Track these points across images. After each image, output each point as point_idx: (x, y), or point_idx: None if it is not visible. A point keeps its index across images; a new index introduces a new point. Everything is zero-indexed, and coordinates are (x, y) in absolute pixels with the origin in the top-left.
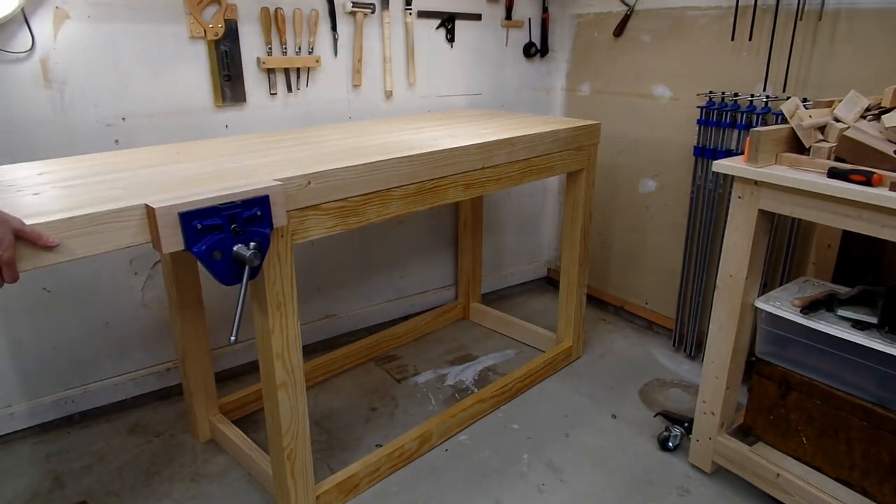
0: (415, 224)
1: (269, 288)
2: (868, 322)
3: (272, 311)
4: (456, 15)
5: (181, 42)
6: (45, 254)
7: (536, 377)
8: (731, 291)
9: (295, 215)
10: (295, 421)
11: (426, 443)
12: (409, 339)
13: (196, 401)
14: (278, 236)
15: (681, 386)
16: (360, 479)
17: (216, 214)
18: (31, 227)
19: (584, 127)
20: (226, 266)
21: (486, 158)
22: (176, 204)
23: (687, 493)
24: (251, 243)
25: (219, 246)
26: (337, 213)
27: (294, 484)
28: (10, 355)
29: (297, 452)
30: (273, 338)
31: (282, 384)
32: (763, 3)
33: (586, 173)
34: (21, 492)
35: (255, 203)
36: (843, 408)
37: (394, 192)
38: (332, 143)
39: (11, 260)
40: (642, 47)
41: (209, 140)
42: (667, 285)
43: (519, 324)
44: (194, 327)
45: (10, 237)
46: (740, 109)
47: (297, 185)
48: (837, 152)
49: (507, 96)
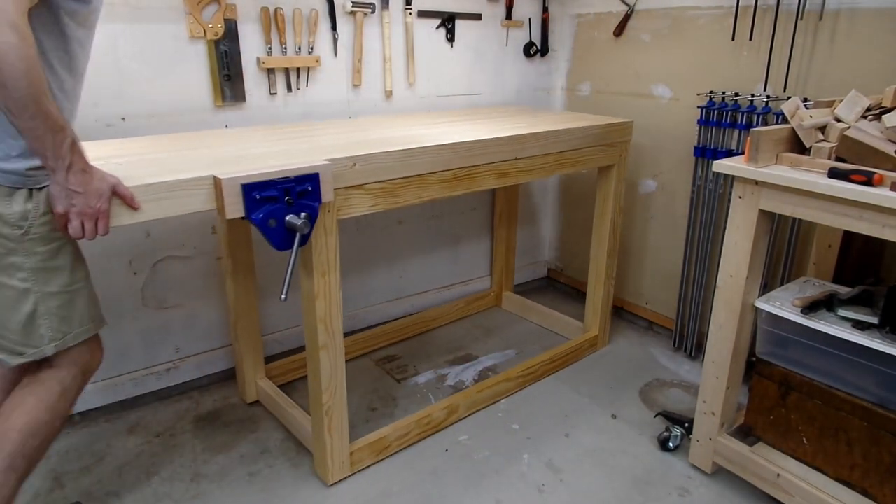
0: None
1: (315, 257)
2: (868, 322)
3: (317, 278)
4: (456, 15)
5: (181, 42)
6: (127, 213)
7: (562, 362)
8: (731, 291)
9: (340, 193)
10: (334, 380)
11: (453, 414)
12: (441, 322)
13: (245, 364)
14: (325, 210)
15: (681, 386)
16: (390, 442)
17: (273, 187)
18: (126, 187)
19: (616, 124)
20: (279, 233)
21: (519, 150)
22: (239, 176)
23: (687, 494)
24: (302, 214)
25: (274, 214)
26: (378, 194)
27: (331, 439)
28: None
29: (334, 410)
30: (318, 303)
31: (323, 346)
32: (763, 3)
33: (617, 168)
34: (21, 492)
35: (306, 179)
36: (843, 408)
37: (431, 177)
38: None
39: (108, 213)
40: (642, 47)
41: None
42: (667, 285)
43: (549, 313)
44: (246, 295)
45: (109, 192)
46: (741, 109)
47: (344, 165)
48: (838, 152)
49: (507, 96)
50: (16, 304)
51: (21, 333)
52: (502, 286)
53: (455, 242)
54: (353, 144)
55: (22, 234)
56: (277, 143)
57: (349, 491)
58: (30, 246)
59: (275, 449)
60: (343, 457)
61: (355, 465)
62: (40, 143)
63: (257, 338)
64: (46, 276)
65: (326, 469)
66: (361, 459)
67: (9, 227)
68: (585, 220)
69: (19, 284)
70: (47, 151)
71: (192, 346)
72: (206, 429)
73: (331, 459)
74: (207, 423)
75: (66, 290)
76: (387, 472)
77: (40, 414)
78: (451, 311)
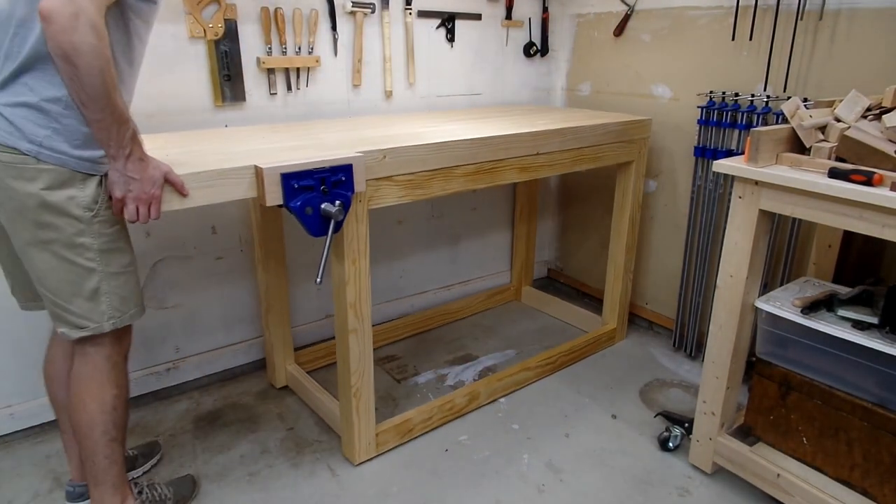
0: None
1: (347, 244)
2: (868, 322)
3: (349, 264)
4: (456, 14)
5: (181, 42)
6: (177, 199)
7: (580, 353)
8: (731, 291)
9: (371, 184)
10: (362, 363)
11: (474, 401)
12: (463, 314)
13: (275, 350)
14: (357, 200)
15: (681, 386)
16: (414, 425)
17: (310, 176)
18: (177, 175)
19: (635, 121)
20: (315, 220)
21: (540, 146)
22: (279, 166)
23: (687, 494)
24: (336, 202)
25: (310, 202)
26: (406, 185)
27: (358, 420)
28: (10, 355)
29: (362, 392)
30: (348, 288)
31: (353, 330)
32: (763, 3)
33: (636, 165)
34: (21, 492)
35: (340, 170)
36: (843, 408)
37: (456, 170)
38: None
39: (160, 199)
40: (642, 47)
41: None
42: (667, 285)
43: (568, 307)
44: (277, 284)
45: (161, 179)
46: (741, 109)
47: (375, 157)
48: (838, 152)
49: (507, 96)
50: (82, 282)
51: (85, 309)
52: (521, 281)
53: (455, 241)
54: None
55: (92, 216)
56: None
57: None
58: (98, 228)
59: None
60: (369, 438)
61: (381, 446)
62: (106, 133)
63: (287, 325)
64: (109, 256)
65: (353, 450)
66: (387, 441)
67: (81, 209)
68: (585, 221)
69: (86, 263)
70: (111, 141)
71: (191, 347)
72: (208, 427)
73: (358, 440)
74: (214, 418)
75: (124, 270)
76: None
77: (110, 390)
78: (473, 303)
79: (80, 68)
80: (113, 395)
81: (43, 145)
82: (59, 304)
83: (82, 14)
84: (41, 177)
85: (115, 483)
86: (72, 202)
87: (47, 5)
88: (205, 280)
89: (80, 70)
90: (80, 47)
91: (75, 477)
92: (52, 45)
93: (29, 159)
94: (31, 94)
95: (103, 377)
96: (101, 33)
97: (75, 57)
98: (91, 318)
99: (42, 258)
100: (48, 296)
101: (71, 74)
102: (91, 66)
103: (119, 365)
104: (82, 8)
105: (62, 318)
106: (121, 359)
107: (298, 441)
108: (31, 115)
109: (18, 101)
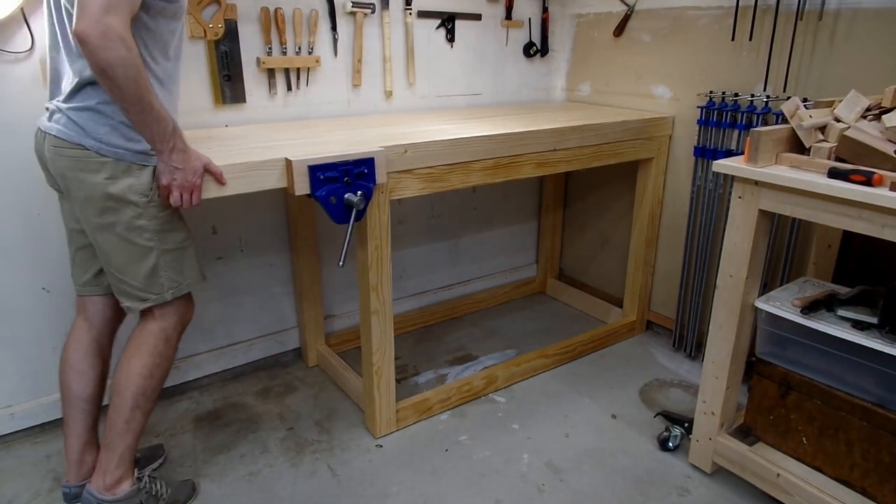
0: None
1: (370, 232)
2: (868, 322)
3: (371, 250)
4: (456, 15)
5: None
6: (215, 188)
7: (599, 343)
8: (731, 291)
9: (392, 176)
10: (383, 343)
11: (491, 384)
12: (489, 304)
13: (308, 332)
14: (379, 192)
15: (681, 386)
16: (432, 404)
17: (334, 168)
18: (216, 165)
19: (655, 119)
20: (338, 209)
21: (559, 141)
22: (307, 158)
23: (687, 494)
24: (358, 192)
25: (335, 192)
26: (426, 178)
27: (379, 396)
28: (10, 355)
29: (383, 370)
30: (371, 272)
31: (375, 311)
32: (763, 3)
33: (657, 162)
34: (21, 492)
35: (363, 163)
36: (843, 408)
37: (474, 164)
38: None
39: (201, 187)
40: (642, 47)
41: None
42: (667, 285)
43: (591, 300)
44: (310, 271)
45: (202, 169)
46: (740, 109)
47: (397, 151)
48: (838, 152)
49: (507, 96)
50: (142, 259)
51: (146, 283)
52: (547, 273)
53: (454, 239)
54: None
55: (147, 201)
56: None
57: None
58: (153, 211)
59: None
60: (390, 413)
61: (401, 422)
62: (149, 130)
63: (319, 309)
64: (164, 235)
65: (375, 424)
66: (406, 417)
67: (139, 195)
68: (585, 221)
69: (145, 243)
70: (155, 136)
71: (192, 347)
72: (208, 427)
73: (379, 415)
74: (214, 418)
75: (178, 246)
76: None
77: (152, 358)
78: (499, 294)
79: (115, 79)
80: (154, 363)
81: (103, 141)
82: (124, 280)
83: (111, 31)
84: (104, 168)
85: (123, 456)
86: (130, 190)
87: (79, 29)
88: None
89: (117, 80)
90: (114, 62)
91: (71, 479)
92: (91, 62)
93: (92, 154)
94: (90, 100)
95: (152, 344)
96: (129, 45)
97: (110, 70)
98: (152, 291)
99: (107, 239)
100: (115, 273)
101: (109, 85)
102: (125, 77)
103: (171, 340)
104: (110, 26)
105: (127, 293)
106: (175, 334)
107: (298, 441)
108: (91, 116)
109: (81, 106)
